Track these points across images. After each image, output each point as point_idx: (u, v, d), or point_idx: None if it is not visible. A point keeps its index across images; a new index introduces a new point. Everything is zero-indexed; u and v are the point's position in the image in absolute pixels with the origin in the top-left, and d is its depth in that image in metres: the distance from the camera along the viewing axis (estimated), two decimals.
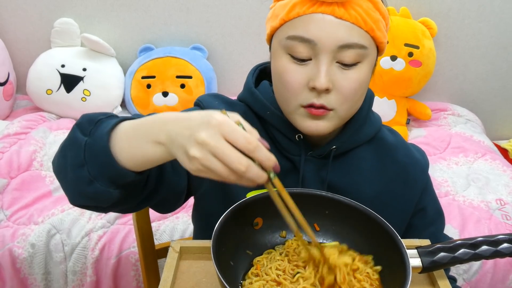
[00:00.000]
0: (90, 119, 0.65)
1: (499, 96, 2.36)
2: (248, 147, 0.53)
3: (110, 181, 0.63)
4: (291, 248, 0.71)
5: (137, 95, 2.15)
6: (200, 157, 0.53)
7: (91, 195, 0.64)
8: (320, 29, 0.71)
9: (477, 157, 1.91)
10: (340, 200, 0.73)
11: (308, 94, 0.73)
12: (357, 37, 0.71)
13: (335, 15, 0.70)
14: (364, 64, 0.74)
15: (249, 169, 0.53)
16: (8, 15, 2.20)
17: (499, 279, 1.46)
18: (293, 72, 0.73)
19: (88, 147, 0.62)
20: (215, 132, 0.53)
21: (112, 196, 0.64)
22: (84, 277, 1.44)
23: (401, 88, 2.15)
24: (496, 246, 0.64)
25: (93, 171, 0.62)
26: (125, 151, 0.61)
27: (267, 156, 0.55)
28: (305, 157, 0.82)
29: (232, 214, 0.67)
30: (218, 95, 0.89)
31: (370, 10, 0.72)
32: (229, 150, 0.52)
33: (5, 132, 1.86)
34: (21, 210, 1.53)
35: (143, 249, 1.05)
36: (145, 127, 0.60)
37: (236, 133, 0.53)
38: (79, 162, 0.62)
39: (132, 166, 0.62)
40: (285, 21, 0.74)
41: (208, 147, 0.52)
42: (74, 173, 0.63)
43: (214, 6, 2.19)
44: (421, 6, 2.18)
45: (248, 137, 0.53)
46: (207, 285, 0.68)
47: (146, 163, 0.61)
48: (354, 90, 0.74)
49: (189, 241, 0.74)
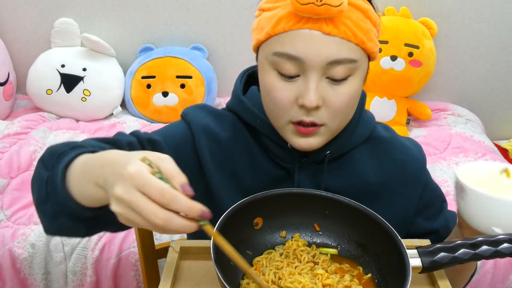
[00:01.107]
0: (52, 153, 0.64)
1: (499, 96, 2.36)
2: (162, 200, 0.49)
3: (72, 216, 0.62)
4: (291, 249, 0.72)
5: (137, 95, 2.15)
6: (120, 212, 0.51)
7: (58, 229, 0.64)
8: (308, 46, 0.67)
9: (477, 157, 1.91)
10: (340, 200, 0.73)
11: (298, 111, 0.71)
12: (347, 52, 0.68)
13: (323, 31, 0.67)
14: (355, 77, 0.71)
15: (169, 222, 0.49)
16: (8, 15, 2.20)
17: (499, 279, 1.46)
18: (281, 90, 0.71)
19: (49, 182, 0.61)
20: (129, 186, 0.49)
21: (79, 229, 0.63)
22: (84, 277, 1.44)
23: (401, 88, 2.15)
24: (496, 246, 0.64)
25: (55, 206, 0.62)
26: (75, 189, 0.59)
27: (188, 206, 0.50)
28: (299, 164, 0.81)
29: (232, 214, 0.67)
30: (205, 106, 0.87)
31: (360, 21, 0.69)
32: (144, 204, 0.49)
33: (5, 132, 1.86)
34: (21, 210, 1.53)
35: (143, 249, 1.05)
36: (90, 167, 0.58)
37: (149, 186, 0.49)
38: (42, 198, 0.62)
39: (86, 203, 0.60)
40: (271, 35, 0.71)
41: (125, 202, 0.50)
42: (39, 208, 0.64)
43: (214, 6, 2.19)
44: (421, 6, 2.18)
45: (162, 189, 0.49)
46: (207, 285, 0.68)
47: (95, 202, 0.59)
48: (346, 104, 0.72)
49: (189, 241, 0.74)
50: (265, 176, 0.82)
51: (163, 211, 0.49)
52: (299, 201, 0.74)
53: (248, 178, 0.81)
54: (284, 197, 0.74)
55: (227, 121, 0.84)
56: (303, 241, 0.74)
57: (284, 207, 0.74)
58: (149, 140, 0.77)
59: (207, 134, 0.81)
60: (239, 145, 0.82)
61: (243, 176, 0.81)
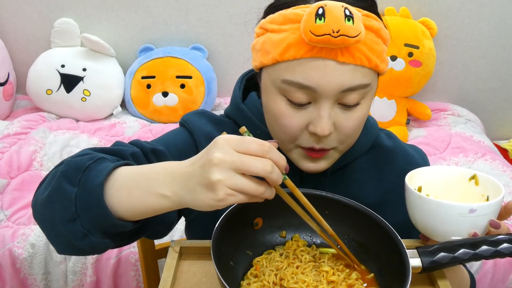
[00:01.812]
0: (77, 167, 0.59)
1: (499, 96, 2.36)
2: (263, 148, 0.52)
3: (104, 233, 0.59)
4: (291, 249, 0.71)
5: (137, 95, 2.15)
6: (224, 177, 0.51)
7: (85, 248, 0.60)
8: (321, 76, 0.64)
9: (477, 157, 1.91)
10: (340, 200, 0.73)
11: (308, 137, 0.69)
12: (361, 78, 0.66)
13: (338, 60, 0.63)
14: (366, 99, 0.69)
15: (274, 168, 0.52)
16: (8, 15, 2.20)
17: (499, 279, 1.46)
18: (290, 117, 0.68)
19: (79, 199, 0.57)
20: (227, 149, 0.51)
21: (107, 246, 0.61)
22: (84, 277, 1.44)
23: (401, 88, 2.15)
24: (496, 246, 0.64)
25: (87, 224, 0.58)
26: (124, 202, 0.57)
27: (281, 156, 0.54)
28: (299, 176, 0.80)
29: (232, 214, 0.67)
30: (205, 112, 0.86)
31: (374, 43, 0.66)
32: (247, 157, 0.51)
33: (5, 132, 1.86)
34: (21, 210, 1.53)
35: (143, 249, 1.05)
36: (147, 178, 0.57)
37: (246, 142, 0.52)
38: (70, 216, 0.58)
39: (130, 217, 0.59)
40: (279, 61, 0.66)
41: (227, 163, 0.51)
42: (65, 227, 0.58)
43: (214, 6, 2.19)
44: (421, 6, 2.18)
45: (259, 141, 0.52)
46: (207, 285, 0.68)
47: (148, 213, 0.58)
48: (357, 128, 0.71)
49: (189, 241, 0.74)
50: None
51: (265, 159, 0.52)
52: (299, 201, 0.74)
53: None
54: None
55: (228, 128, 0.82)
56: (303, 241, 0.74)
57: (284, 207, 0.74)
58: (153, 151, 0.75)
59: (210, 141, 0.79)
60: None
61: None
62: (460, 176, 0.76)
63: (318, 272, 0.67)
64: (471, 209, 0.65)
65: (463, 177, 0.76)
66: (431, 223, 0.68)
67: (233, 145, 0.52)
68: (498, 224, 0.67)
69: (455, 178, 0.76)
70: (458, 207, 0.65)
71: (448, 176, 0.77)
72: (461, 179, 0.76)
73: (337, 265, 0.69)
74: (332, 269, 0.67)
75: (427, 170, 0.77)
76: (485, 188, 0.73)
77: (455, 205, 0.66)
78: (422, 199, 0.68)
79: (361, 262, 0.71)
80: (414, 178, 0.73)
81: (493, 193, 0.71)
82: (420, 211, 0.69)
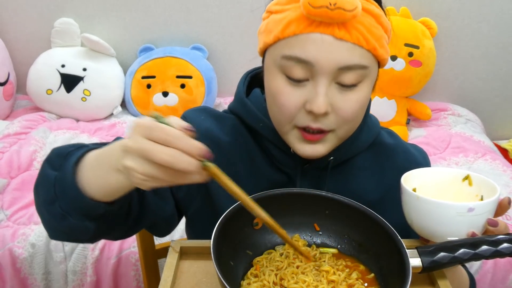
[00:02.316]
0: (59, 153, 0.63)
1: (499, 96, 2.36)
2: (167, 138, 0.50)
3: (82, 215, 0.61)
4: (292, 249, 0.71)
5: (137, 95, 2.15)
6: (134, 165, 0.51)
7: (66, 230, 0.63)
8: (319, 50, 0.65)
9: (477, 157, 1.91)
10: (340, 200, 0.73)
11: (305, 116, 0.69)
12: (358, 58, 0.67)
13: (335, 36, 0.65)
14: (364, 83, 0.70)
15: (176, 158, 0.50)
16: (8, 15, 2.20)
17: (499, 279, 1.46)
18: (288, 94, 0.69)
19: (58, 182, 0.60)
20: (135, 136, 0.51)
21: (88, 229, 0.62)
22: (84, 277, 1.44)
23: (401, 88, 2.15)
24: (496, 246, 0.64)
25: (65, 206, 0.60)
26: (91, 182, 0.59)
27: (190, 143, 0.51)
28: (301, 170, 0.80)
29: (232, 214, 0.67)
30: (206, 108, 0.86)
31: (373, 26, 0.67)
32: (153, 146, 0.50)
33: (5, 132, 1.86)
34: (21, 210, 1.53)
35: (143, 249, 1.05)
36: (106, 155, 0.58)
37: (154, 130, 0.50)
38: (50, 198, 0.61)
39: (102, 197, 0.60)
40: (280, 38, 0.68)
41: (134, 151, 0.51)
42: (46, 209, 0.62)
43: (214, 6, 2.19)
44: (421, 6, 2.18)
45: (166, 129, 0.50)
46: (207, 285, 0.68)
47: (113, 192, 0.59)
48: (355, 111, 0.70)
49: (189, 241, 0.74)
50: (266, 181, 0.81)
51: (169, 148, 0.50)
52: (299, 201, 0.74)
53: (249, 183, 0.80)
54: (284, 197, 0.74)
55: (228, 124, 0.83)
56: (303, 241, 0.74)
57: (284, 207, 0.74)
58: None
59: (208, 138, 0.80)
60: (240, 149, 0.81)
61: (244, 181, 0.80)
62: (453, 177, 0.76)
63: (318, 272, 0.67)
64: (470, 208, 0.65)
65: (456, 178, 0.76)
66: (429, 224, 0.68)
67: (142, 131, 0.51)
68: (496, 222, 0.67)
69: (448, 179, 0.77)
70: (456, 207, 0.65)
71: (441, 178, 0.77)
72: (454, 180, 0.76)
73: (338, 265, 0.69)
74: (333, 268, 0.67)
75: (421, 172, 0.77)
76: (479, 188, 0.73)
77: (453, 204, 0.66)
78: (420, 200, 0.68)
79: (361, 262, 0.71)
80: (408, 180, 0.73)
81: (487, 192, 0.71)
82: (418, 212, 0.69)
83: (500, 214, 0.70)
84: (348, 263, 0.71)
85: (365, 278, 0.68)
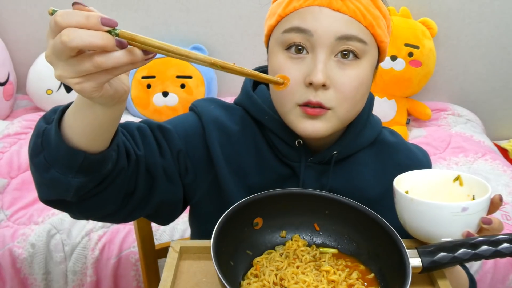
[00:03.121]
0: (55, 109, 0.64)
1: (499, 96, 2.36)
2: (56, 19, 0.47)
3: (65, 166, 0.60)
4: (292, 249, 0.71)
5: (137, 95, 2.15)
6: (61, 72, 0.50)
7: (49, 183, 0.61)
8: (317, 20, 0.68)
9: (477, 157, 1.91)
10: (340, 200, 0.73)
11: (305, 91, 0.70)
12: (356, 31, 0.69)
13: (332, 8, 0.68)
14: (364, 61, 0.71)
15: (71, 34, 0.46)
16: (8, 15, 2.20)
17: (499, 279, 1.46)
18: (289, 69, 0.70)
19: (46, 133, 0.61)
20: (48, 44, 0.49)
21: (71, 185, 0.61)
22: (84, 277, 1.44)
23: (401, 88, 2.15)
24: (496, 246, 0.64)
25: (49, 156, 0.60)
26: (73, 125, 0.59)
27: (85, 15, 0.47)
28: (305, 163, 0.80)
29: (232, 214, 0.67)
30: (214, 99, 0.87)
31: (370, 6, 0.70)
32: (57, 39, 0.47)
33: (5, 132, 1.86)
34: (21, 210, 1.53)
35: (143, 249, 1.05)
36: (80, 98, 0.58)
37: (51, 25, 0.48)
38: (37, 149, 0.61)
39: (84, 143, 0.59)
40: (282, 17, 0.72)
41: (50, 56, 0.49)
42: (32, 162, 0.62)
43: (214, 6, 2.19)
44: (421, 6, 2.18)
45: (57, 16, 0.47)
46: (207, 285, 0.68)
47: (94, 130, 0.59)
48: (355, 88, 0.70)
49: (189, 241, 0.74)
50: (271, 173, 0.81)
51: (71, 31, 0.47)
52: (299, 201, 0.74)
53: (254, 174, 0.81)
54: (284, 197, 0.74)
55: (237, 114, 0.83)
56: (303, 241, 0.74)
57: (284, 207, 0.74)
58: (159, 127, 0.77)
59: (218, 126, 0.81)
60: (247, 140, 0.82)
61: (249, 171, 0.81)
62: (444, 178, 0.77)
63: (318, 272, 0.67)
64: (463, 207, 0.65)
65: (447, 179, 0.76)
66: (423, 225, 0.69)
67: (48, 35, 0.49)
68: (489, 220, 0.67)
69: (439, 180, 0.77)
70: (450, 207, 0.66)
71: (432, 179, 0.77)
72: (445, 181, 0.76)
73: (338, 265, 0.70)
74: (333, 268, 0.67)
75: (412, 174, 0.77)
76: (470, 188, 0.74)
77: (447, 205, 0.66)
78: (413, 202, 0.68)
79: (361, 262, 0.71)
80: (400, 184, 0.74)
81: (479, 191, 0.72)
82: (411, 214, 0.69)
83: (492, 212, 0.71)
84: (348, 263, 0.71)
85: (365, 278, 0.68)
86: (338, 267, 0.69)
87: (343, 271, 0.68)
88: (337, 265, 0.69)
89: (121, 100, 0.57)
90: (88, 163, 0.60)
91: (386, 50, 0.76)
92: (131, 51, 0.50)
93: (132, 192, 0.71)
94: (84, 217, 0.71)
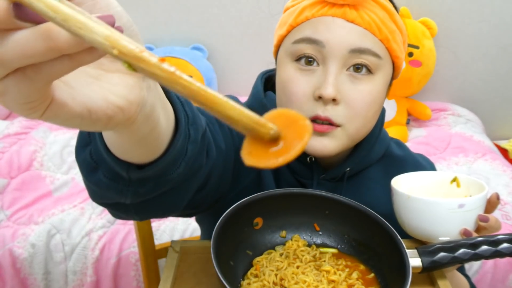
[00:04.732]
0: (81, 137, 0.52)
1: (499, 96, 2.36)
2: None
3: (110, 171, 0.49)
4: (292, 249, 0.72)
5: None
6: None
7: (97, 189, 0.51)
8: (329, 31, 0.65)
9: (477, 157, 1.91)
10: (340, 200, 0.73)
11: (313, 105, 0.66)
12: (371, 44, 0.65)
13: (346, 18, 0.65)
14: (377, 76, 0.67)
15: None
16: None
17: (499, 279, 1.46)
18: (298, 81, 0.67)
19: (93, 152, 0.49)
20: None
21: (122, 192, 0.50)
22: (84, 277, 1.44)
23: (401, 88, 2.15)
24: (496, 246, 0.64)
25: (95, 153, 0.50)
26: (113, 146, 0.47)
27: None
28: (317, 180, 0.77)
29: (232, 214, 0.67)
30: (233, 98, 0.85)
31: (386, 19, 0.67)
32: None
33: (5, 132, 1.86)
34: (21, 210, 1.53)
35: (143, 249, 1.05)
36: None
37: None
38: (83, 140, 0.50)
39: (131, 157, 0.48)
40: (293, 26, 0.68)
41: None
42: (77, 155, 0.51)
43: (214, 6, 2.19)
44: (421, 6, 2.18)
45: None
46: (207, 285, 0.68)
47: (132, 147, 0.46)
48: (367, 104, 0.67)
49: (189, 241, 0.74)
50: (288, 186, 0.79)
51: None
52: (299, 201, 0.74)
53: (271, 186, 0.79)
54: (284, 197, 0.74)
55: None
56: (303, 241, 0.74)
57: (284, 207, 0.74)
58: (217, 120, 0.69)
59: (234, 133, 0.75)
60: None
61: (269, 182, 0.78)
62: (442, 180, 0.77)
63: (318, 272, 0.67)
64: (460, 204, 0.66)
65: (444, 181, 0.77)
66: (421, 223, 0.69)
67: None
68: (486, 218, 0.67)
69: (436, 182, 0.77)
70: (447, 204, 0.66)
71: (429, 181, 0.77)
72: (442, 183, 0.77)
73: (338, 265, 0.70)
74: (333, 268, 0.67)
75: (409, 176, 0.77)
76: (467, 189, 0.74)
77: (444, 201, 0.66)
78: (410, 200, 0.68)
79: (361, 262, 0.71)
80: (397, 185, 0.74)
81: (476, 192, 0.72)
82: (409, 212, 0.70)
83: (491, 211, 0.71)
84: (348, 263, 0.71)
85: (365, 278, 0.68)
86: (338, 267, 0.69)
87: (343, 271, 0.68)
88: (337, 265, 0.69)
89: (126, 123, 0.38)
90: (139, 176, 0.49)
91: (401, 67, 0.72)
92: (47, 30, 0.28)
93: (203, 188, 0.63)
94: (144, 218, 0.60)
